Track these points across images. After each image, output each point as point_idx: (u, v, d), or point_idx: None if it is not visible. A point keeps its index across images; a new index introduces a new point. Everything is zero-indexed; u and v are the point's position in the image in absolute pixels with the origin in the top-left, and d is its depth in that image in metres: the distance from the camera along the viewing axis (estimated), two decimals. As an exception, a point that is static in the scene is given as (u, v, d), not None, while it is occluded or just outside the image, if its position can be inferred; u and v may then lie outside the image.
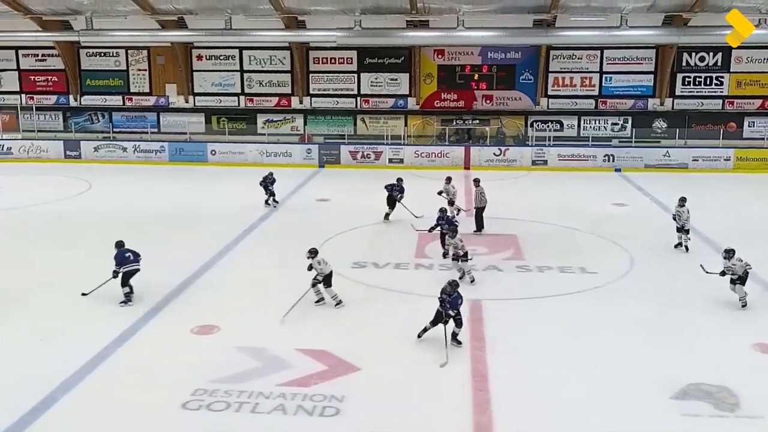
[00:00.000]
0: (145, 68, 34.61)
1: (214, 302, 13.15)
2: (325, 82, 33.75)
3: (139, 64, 34.58)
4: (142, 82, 34.76)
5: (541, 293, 13.73)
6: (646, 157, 29.87)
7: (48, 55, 34.83)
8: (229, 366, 10.27)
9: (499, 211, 20.04)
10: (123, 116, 34.94)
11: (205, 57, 34.07)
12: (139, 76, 34.73)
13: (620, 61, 32.36)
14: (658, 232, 18.85)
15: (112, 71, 34.78)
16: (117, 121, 34.83)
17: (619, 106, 32.66)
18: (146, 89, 34.78)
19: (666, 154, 29.85)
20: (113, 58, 34.61)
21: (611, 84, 32.59)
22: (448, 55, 32.87)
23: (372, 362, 10.45)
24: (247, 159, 30.87)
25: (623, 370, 10.24)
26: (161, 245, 17.21)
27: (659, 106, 32.44)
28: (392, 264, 15.53)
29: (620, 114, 32.64)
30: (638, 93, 32.55)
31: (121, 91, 34.83)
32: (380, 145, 31.26)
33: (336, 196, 23.61)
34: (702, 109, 32.30)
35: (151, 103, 34.76)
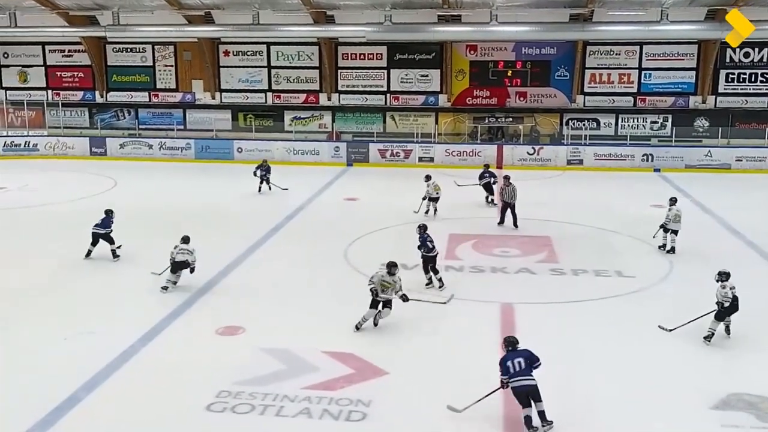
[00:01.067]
0: (172, 64, 34.97)
1: (239, 302, 13.24)
2: (354, 78, 33.82)
3: (165, 59, 34.96)
4: (168, 78, 35.12)
5: (576, 297, 13.61)
6: (687, 157, 29.47)
7: (74, 51, 35.36)
8: (254, 368, 10.33)
9: (532, 211, 19.92)
10: (149, 113, 35.35)
11: (232, 53, 34.32)
12: (165, 72, 35.11)
13: (660, 57, 31.98)
14: (700, 234, 18.59)
15: (138, 67, 35.21)
16: (143, 118, 35.25)
17: (659, 103, 32.27)
18: (172, 85, 35.14)
19: (708, 154, 29.43)
20: (140, 53, 35.03)
21: (650, 81, 32.22)
22: (481, 51, 32.74)
23: (400, 366, 10.44)
24: (274, 157, 30.97)
25: (661, 378, 10.11)
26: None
27: (701, 103, 31.99)
28: (421, 266, 15.48)
29: (660, 112, 32.27)
30: (679, 90, 32.13)
31: (147, 87, 35.26)
32: (410, 143, 31.24)
33: (364, 195, 23.64)
34: (746, 107, 31.80)
35: (177, 99, 35.11)
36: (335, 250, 16.55)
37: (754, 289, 14.07)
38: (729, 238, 18.32)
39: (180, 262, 13.65)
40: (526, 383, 8.83)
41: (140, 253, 16.40)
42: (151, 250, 16.80)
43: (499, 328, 11.88)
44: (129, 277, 14.77)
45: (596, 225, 19.38)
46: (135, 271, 15.04)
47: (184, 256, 13.68)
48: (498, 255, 16.42)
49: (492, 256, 16.31)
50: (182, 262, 13.66)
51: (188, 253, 13.73)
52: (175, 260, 13.65)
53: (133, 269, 15.24)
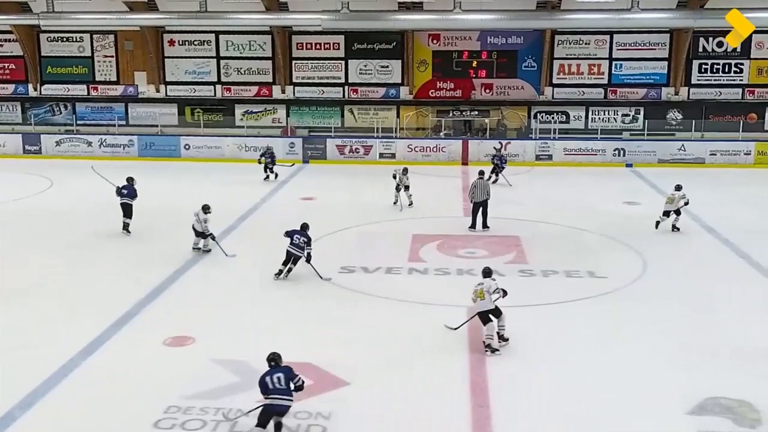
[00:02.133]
0: (112, 55, 34.53)
1: (189, 311, 13.12)
2: (310, 69, 33.76)
3: (105, 50, 34.50)
4: (108, 70, 34.66)
5: (546, 300, 13.75)
6: (660, 152, 30.03)
7: (4, 41, 34.72)
8: (206, 380, 10.24)
9: (499, 210, 20.06)
10: (88, 107, 34.85)
11: (177, 42, 34.01)
12: (105, 63, 34.64)
13: (631, 47, 32.52)
14: (673, 232, 18.93)
15: (75, 58, 34.70)
16: (81, 113, 34.74)
17: (630, 95, 32.81)
18: (113, 78, 34.70)
19: (681, 148, 30.02)
20: (77, 43, 34.52)
21: (621, 72, 32.75)
22: (444, 40, 32.93)
23: (362, 376, 10.44)
24: (225, 154, 30.83)
25: (636, 383, 10.26)
26: (129, 249, 17.20)
27: (674, 95, 32.60)
28: (383, 268, 15.54)
29: (631, 104, 32.81)
30: (651, 81, 32.72)
31: (85, 79, 34.75)
32: (370, 138, 31.31)
33: (322, 194, 23.60)
34: (720, 99, 32.51)
35: (118, 93, 34.68)
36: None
37: (731, 288, 14.43)
38: (704, 236, 18.69)
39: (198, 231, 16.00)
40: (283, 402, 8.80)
41: (78, 259, 16.15)
42: (91, 255, 16.62)
43: (467, 333, 11.96)
44: (67, 284, 14.52)
45: (567, 223, 19.61)
46: (74, 279, 14.80)
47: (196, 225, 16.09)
48: (464, 256, 16.51)
49: (458, 258, 16.40)
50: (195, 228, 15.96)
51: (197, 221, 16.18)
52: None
53: (71, 277, 14.99)
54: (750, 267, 15.83)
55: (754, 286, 14.61)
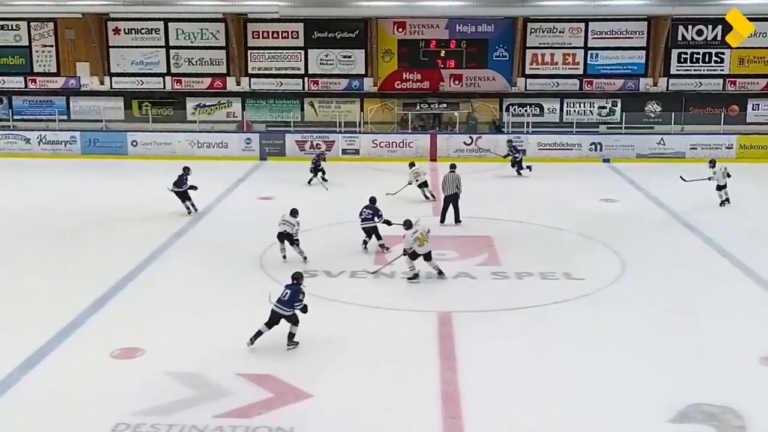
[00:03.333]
0: (52, 44, 34.07)
1: (137, 320, 13.01)
2: (267, 60, 33.62)
3: (44, 39, 34.03)
4: (47, 60, 34.20)
5: (521, 303, 13.86)
6: (638, 146, 30.37)
7: (-67, 29, 34.10)
8: (157, 395, 10.16)
9: (470, 209, 20.15)
10: (25, 101, 34.34)
11: (123, 30, 33.66)
12: (44, 53, 34.17)
13: (608, 35, 32.87)
14: (653, 231, 19.18)
15: (11, 48, 34.19)
16: (18, 107, 34.23)
17: (607, 87, 33.16)
18: (53, 69, 34.24)
19: (660, 141, 30.38)
20: (12, 32, 34.02)
21: (597, 62, 33.08)
22: (411, 29, 33.00)
23: (325, 388, 10.44)
24: (175, 151, 30.56)
25: (614, 391, 10.38)
26: (72, 254, 17.02)
27: (652, 86, 33.01)
28: (347, 272, 15.54)
29: (608, 96, 33.15)
30: (628, 72, 33.09)
31: (22, 71, 34.24)
32: (332, 133, 31.26)
33: (281, 193, 23.49)
34: (700, 90, 32.98)
35: (59, 85, 34.24)
36: (249, 258, 16.45)
37: (713, 289, 14.67)
38: (685, 235, 18.94)
39: (281, 233, 15.91)
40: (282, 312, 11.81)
41: (14, 266, 15.92)
42: (27, 262, 16.40)
43: (437, 340, 12.01)
44: (2, 293, 14.30)
45: (541, 222, 19.77)
46: (9, 287, 14.58)
47: (283, 227, 15.91)
48: (433, 258, 16.55)
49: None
50: (282, 232, 15.90)
51: (289, 225, 15.97)
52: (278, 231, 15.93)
53: (6, 285, 14.77)
54: (732, 266, 16.09)
55: (736, 287, 14.85)
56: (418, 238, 14.84)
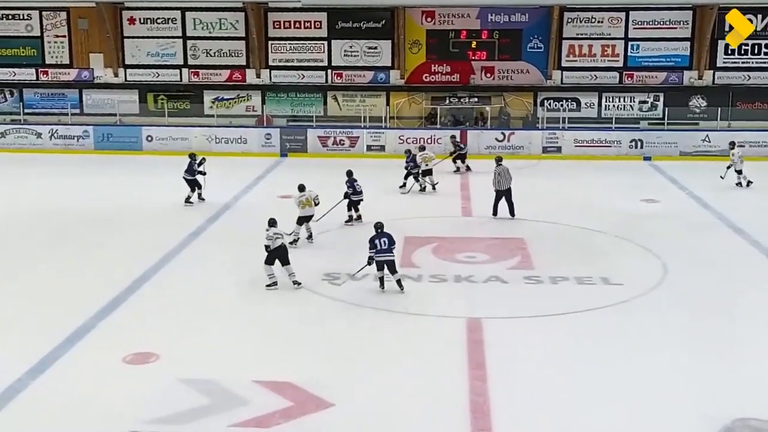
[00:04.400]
0: (64, 34, 34.35)
1: (151, 324, 13.07)
2: (288, 51, 33.69)
3: (56, 29, 34.32)
4: (60, 51, 34.49)
5: (555, 310, 13.77)
6: (681, 143, 30.12)
7: (-58, 19, 34.54)
8: (171, 402, 10.20)
9: (502, 209, 20.07)
10: (36, 94, 34.65)
11: (138, 20, 33.88)
12: (56, 44, 34.47)
13: (649, 26, 32.60)
14: (697, 233, 19.01)
15: (22, 38, 34.48)
16: (29, 100, 34.54)
17: (649, 80, 32.89)
18: (65, 60, 34.52)
19: (705, 138, 30.12)
20: (23, 21, 34.33)
21: (638, 53, 32.82)
22: (440, 18, 32.94)
23: (347, 396, 10.43)
24: (192, 146, 30.61)
25: (655, 403, 10.29)
26: (85, 254, 17.16)
27: (697, 80, 32.71)
28: (371, 275, 15.51)
29: (650, 90, 32.88)
30: (671, 64, 32.80)
31: (33, 62, 34.53)
32: (356, 128, 31.28)
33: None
34: (749, 84, 32.62)
35: (71, 77, 34.51)
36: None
37: (761, 296, 14.49)
38: (730, 237, 18.77)
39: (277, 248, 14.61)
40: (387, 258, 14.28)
41: (23, 266, 16.07)
42: (36, 261, 16.55)
43: (465, 348, 11.97)
44: (12, 295, 14.45)
45: (578, 223, 19.65)
46: (19, 289, 14.72)
47: (279, 240, 14.64)
48: (463, 261, 16.53)
49: (456, 263, 16.42)
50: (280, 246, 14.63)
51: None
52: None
53: (16, 286, 14.92)
54: (782, 272, 15.94)
55: (787, 294, 14.68)
56: (302, 201, 17.57)
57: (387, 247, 14.31)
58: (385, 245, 14.27)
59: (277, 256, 14.58)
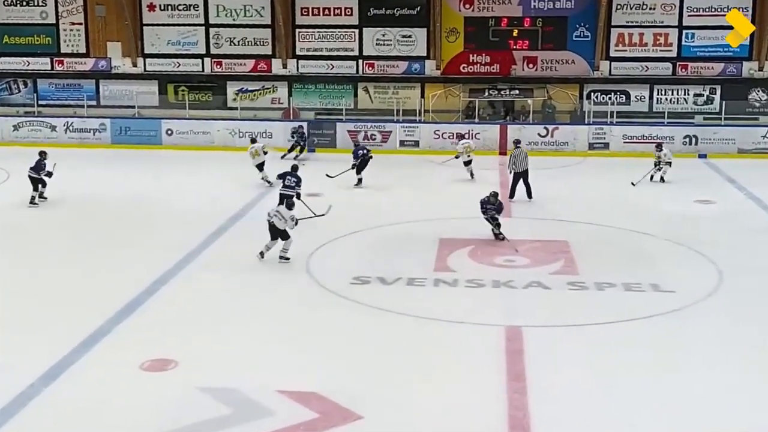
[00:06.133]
0: (81, 22, 34.71)
1: (170, 329, 13.16)
2: (317, 40, 33.81)
3: (72, 16, 34.69)
4: (76, 40, 34.85)
5: (600, 318, 13.70)
6: (740, 140, 29.83)
7: (-48, 5, 34.98)
8: (190, 412, 10.27)
9: (545, 209, 20.02)
10: (51, 85, 35.08)
11: (159, 6, 34.16)
12: (72, 32, 34.83)
13: (705, 13, 32.33)
14: (756, 237, 18.82)
15: (36, 26, 34.90)
16: (43, 91, 34.95)
17: (704, 71, 32.63)
18: (82, 49, 34.88)
19: (766, 135, 29.81)
20: (38, 8, 34.73)
21: (693, 43, 32.58)
22: (479, 4, 32.90)
23: (376, 409, 10.44)
24: (214, 141, 30.93)
25: (705, 422, 10.20)
26: (101, 254, 17.29)
27: (757, 71, 32.40)
28: (404, 279, 15.53)
29: (705, 82, 32.63)
30: (730, 54, 32.50)
31: (48, 51, 34.95)
32: (389, 122, 31.30)
33: (330, 190, 23.61)
34: (815, 76, 32.27)
35: (87, 67, 34.87)
36: (294, 260, 16.52)
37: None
38: (793, 242, 18.58)
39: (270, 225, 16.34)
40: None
41: (35, 267, 16.28)
42: (50, 261, 16.73)
43: (504, 358, 11.94)
44: (26, 296, 14.63)
45: (626, 226, 19.53)
46: (33, 290, 14.90)
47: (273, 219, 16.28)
48: (502, 265, 16.49)
49: (494, 267, 16.37)
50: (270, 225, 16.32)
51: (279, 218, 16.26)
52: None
53: (30, 287, 15.10)
54: None
55: None
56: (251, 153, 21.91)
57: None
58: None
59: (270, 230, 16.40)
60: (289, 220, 16.25)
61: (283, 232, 16.31)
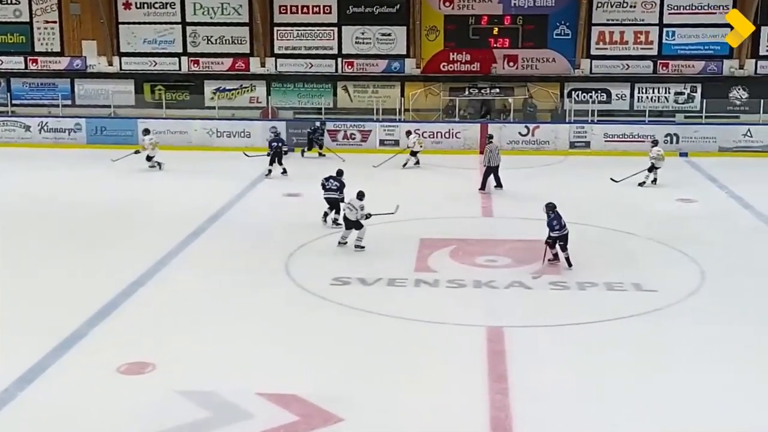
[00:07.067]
0: (55, 20, 34.56)
1: (148, 331, 13.10)
2: (295, 38, 33.78)
3: (46, 14, 34.52)
4: (50, 38, 34.69)
5: (582, 318, 13.74)
6: (721, 138, 30.00)
7: (-76, 3, 34.75)
8: (169, 416, 10.22)
9: (525, 209, 20.05)
10: (25, 84, 34.90)
11: (135, 5, 34.04)
12: (46, 30, 34.67)
13: (686, 11, 32.53)
14: (738, 236, 18.93)
15: (9, 24, 34.75)
16: (17, 91, 34.78)
17: (685, 69, 32.82)
18: (56, 48, 34.73)
19: (747, 133, 29.99)
20: (11, 6, 34.57)
21: (674, 41, 32.77)
22: (459, 3, 32.97)
23: (358, 410, 10.43)
24: (192, 140, 30.83)
25: (689, 420, 10.24)
26: (74, 256, 17.20)
27: (738, 69, 32.61)
28: (384, 280, 15.53)
29: (686, 80, 32.83)
30: (710, 53, 32.73)
31: (22, 50, 34.79)
32: (368, 122, 31.29)
33: (310, 189, 23.54)
34: (794, 74, 32.50)
35: (62, 66, 34.71)
36: (273, 262, 16.50)
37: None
38: (775, 241, 18.71)
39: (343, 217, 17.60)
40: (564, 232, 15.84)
41: (10, 268, 16.15)
42: (24, 264, 16.62)
43: (485, 358, 11.95)
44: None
45: (607, 225, 19.61)
46: (7, 293, 14.79)
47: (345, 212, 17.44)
48: (483, 265, 16.51)
49: (475, 267, 16.39)
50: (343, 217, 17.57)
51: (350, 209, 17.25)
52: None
53: (4, 290, 14.99)
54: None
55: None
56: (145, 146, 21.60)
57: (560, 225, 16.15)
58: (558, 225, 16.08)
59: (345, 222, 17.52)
60: (359, 210, 17.10)
61: (356, 223, 17.17)
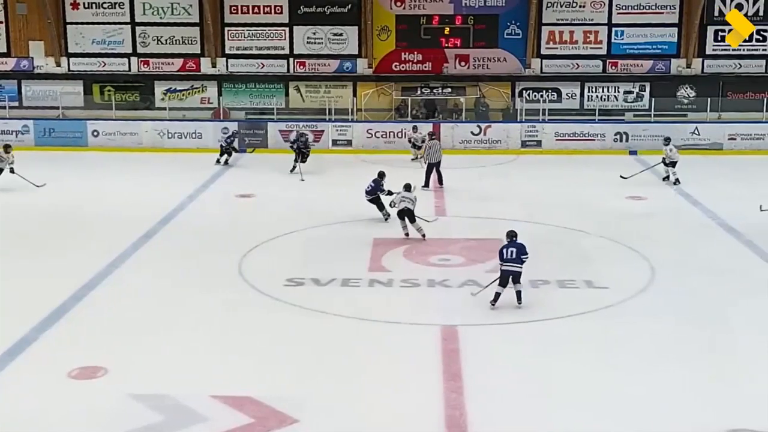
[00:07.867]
0: (1, 20, 34.13)
1: (99, 335, 12.97)
2: (246, 38, 33.64)
3: (-9, 14, 34.03)
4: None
5: (535, 315, 13.83)
6: (669, 136, 30.28)
7: None
8: (121, 420, 10.13)
9: (479, 208, 20.15)
10: (-30, 85, 34.34)
11: (83, 4, 33.67)
12: (-8, 30, 34.17)
13: (635, 11, 32.91)
14: (687, 233, 19.18)
15: (-46, 24, 34.15)
16: (-38, 92, 34.21)
17: (634, 69, 33.20)
18: (2, 49, 34.30)
19: (694, 131, 30.36)
20: (-44, 6, 34.00)
21: (623, 40, 33.12)
22: (410, 3, 33.03)
23: (312, 412, 10.42)
24: (142, 142, 30.57)
25: (642, 415, 10.36)
26: (26, 260, 16.96)
27: (685, 68, 33.04)
28: (338, 280, 15.51)
29: (635, 79, 33.21)
30: (658, 52, 33.14)
31: (-33, 51, 34.23)
32: (321, 122, 31.25)
33: (262, 190, 23.52)
34: (740, 73, 33.06)
35: (9, 67, 34.26)
36: (225, 264, 16.41)
37: (754, 300, 14.64)
38: (722, 236, 18.96)
39: (402, 210, 17.90)
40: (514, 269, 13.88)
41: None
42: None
43: (440, 357, 11.99)
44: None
45: (559, 223, 19.76)
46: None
47: (403, 204, 17.84)
48: (436, 264, 16.56)
49: (429, 266, 16.45)
50: (403, 209, 17.85)
51: (409, 201, 17.89)
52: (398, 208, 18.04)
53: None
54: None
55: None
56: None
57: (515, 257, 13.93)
58: (513, 255, 13.91)
59: (405, 214, 17.91)
60: (414, 200, 18.01)
61: (412, 213, 17.92)
